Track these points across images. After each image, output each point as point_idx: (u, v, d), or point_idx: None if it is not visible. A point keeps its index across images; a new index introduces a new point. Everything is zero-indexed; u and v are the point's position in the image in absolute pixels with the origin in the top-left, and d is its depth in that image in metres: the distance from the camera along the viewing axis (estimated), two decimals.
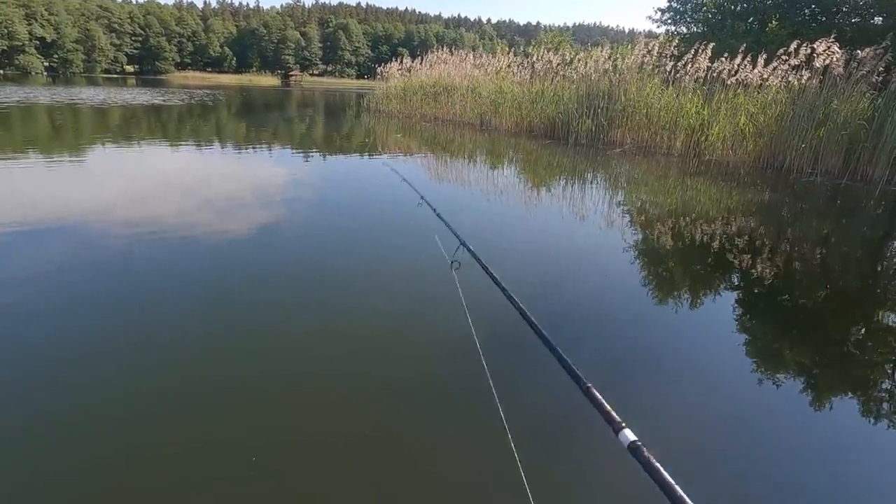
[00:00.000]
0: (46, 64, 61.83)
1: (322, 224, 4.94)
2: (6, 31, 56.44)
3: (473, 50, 19.98)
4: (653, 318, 3.21)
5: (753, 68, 9.77)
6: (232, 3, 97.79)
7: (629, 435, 0.78)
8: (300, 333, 2.73)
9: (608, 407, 0.85)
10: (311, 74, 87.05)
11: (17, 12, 58.08)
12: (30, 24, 59.49)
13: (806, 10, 13.97)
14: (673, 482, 0.69)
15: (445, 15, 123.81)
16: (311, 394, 2.22)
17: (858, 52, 8.45)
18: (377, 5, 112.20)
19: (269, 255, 3.90)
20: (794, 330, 3.25)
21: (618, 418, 0.82)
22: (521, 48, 28.50)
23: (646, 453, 0.73)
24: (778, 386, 2.49)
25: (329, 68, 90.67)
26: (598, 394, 0.88)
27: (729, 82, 9.96)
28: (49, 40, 61.68)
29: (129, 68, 73.37)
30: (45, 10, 61.98)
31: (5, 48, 57.19)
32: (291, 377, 2.33)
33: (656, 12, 17.01)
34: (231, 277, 3.43)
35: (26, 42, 58.69)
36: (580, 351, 2.68)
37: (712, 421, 2.23)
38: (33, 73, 56.75)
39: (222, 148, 9.92)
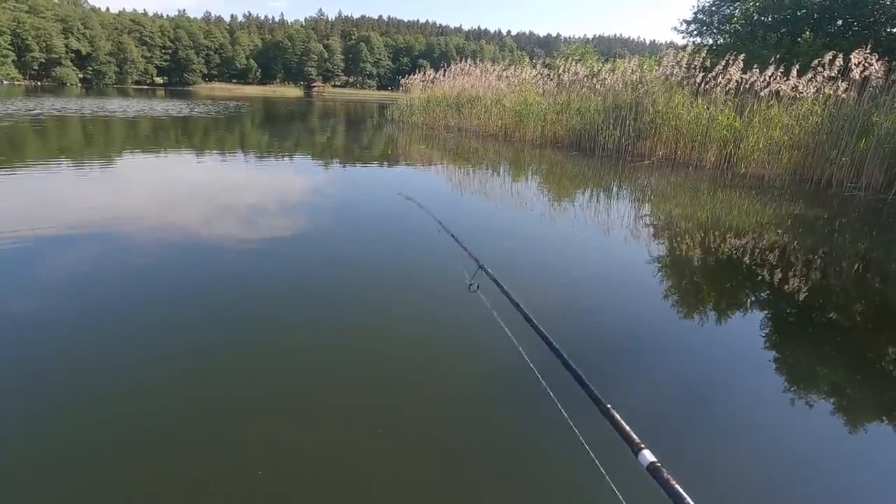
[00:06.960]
0: (81, 76, 64.30)
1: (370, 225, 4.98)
2: (44, 44, 58.98)
3: (493, 62, 19.99)
4: (683, 338, 3.09)
5: (787, 79, 9.54)
6: (258, 17, 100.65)
7: (648, 456, 0.76)
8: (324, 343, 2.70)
9: (627, 428, 0.84)
10: (334, 86, 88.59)
11: (55, 27, 60.69)
12: (66, 38, 62.05)
13: (839, 21, 13.67)
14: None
15: (466, 27, 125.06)
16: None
17: None
18: (399, 18, 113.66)
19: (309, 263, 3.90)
20: (854, 355, 3.08)
21: (637, 439, 0.81)
22: (545, 60, 28.49)
23: (665, 474, 0.72)
24: (837, 417, 2.35)
25: (351, 80, 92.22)
26: (616, 414, 0.87)
27: (762, 94, 9.75)
28: (84, 53, 64.18)
29: (159, 80, 75.80)
30: (81, 24, 64.63)
31: (43, 61, 59.71)
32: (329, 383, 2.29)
33: (682, 24, 16.86)
34: (260, 291, 3.43)
35: (62, 55, 61.19)
36: (601, 371, 2.59)
37: (738, 445, 2.11)
38: (68, 85, 59.02)
39: (259, 157, 10.07)
